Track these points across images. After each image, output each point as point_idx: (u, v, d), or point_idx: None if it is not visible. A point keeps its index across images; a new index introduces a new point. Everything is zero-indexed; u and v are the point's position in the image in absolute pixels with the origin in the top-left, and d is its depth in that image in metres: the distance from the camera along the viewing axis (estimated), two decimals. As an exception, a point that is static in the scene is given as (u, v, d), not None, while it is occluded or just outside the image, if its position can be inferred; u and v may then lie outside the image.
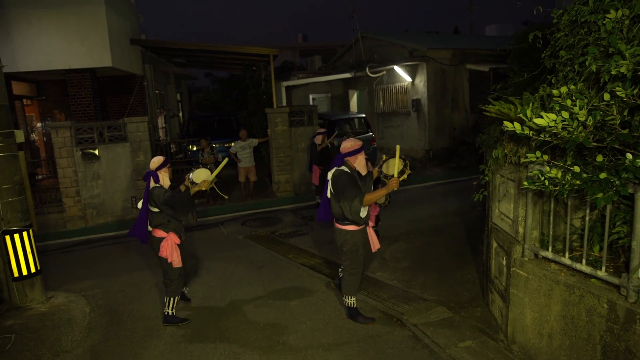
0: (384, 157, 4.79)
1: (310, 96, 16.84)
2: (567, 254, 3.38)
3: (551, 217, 3.51)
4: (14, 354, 4.21)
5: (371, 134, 12.72)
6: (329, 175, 4.34)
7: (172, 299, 4.67)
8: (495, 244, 4.42)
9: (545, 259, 3.63)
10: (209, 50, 12.08)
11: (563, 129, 2.53)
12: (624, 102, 2.48)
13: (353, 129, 13.19)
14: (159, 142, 13.09)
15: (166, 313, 4.69)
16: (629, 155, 2.42)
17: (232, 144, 10.99)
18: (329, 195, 4.38)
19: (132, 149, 9.61)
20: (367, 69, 13.65)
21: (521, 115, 2.83)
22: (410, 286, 5.43)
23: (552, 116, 2.50)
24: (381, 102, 14.66)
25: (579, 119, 2.53)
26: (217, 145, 13.14)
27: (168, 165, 4.63)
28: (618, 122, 2.46)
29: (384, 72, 13.96)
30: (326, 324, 4.57)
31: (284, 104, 14.38)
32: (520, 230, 3.84)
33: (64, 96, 12.20)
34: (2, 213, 4.92)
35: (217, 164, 10.20)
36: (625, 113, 2.60)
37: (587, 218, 3.19)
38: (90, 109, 11.06)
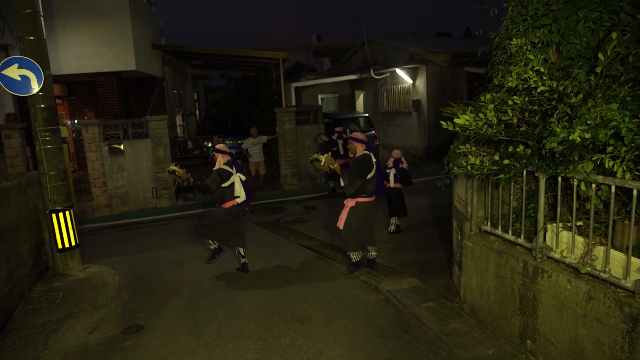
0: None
1: (319, 96, 17.75)
2: (499, 227, 4.24)
3: (488, 198, 4.37)
4: (63, 306, 5.23)
5: (374, 132, 13.58)
6: (373, 158, 5.65)
7: (242, 249, 6.16)
8: (455, 224, 5.28)
9: (486, 232, 4.49)
10: (223, 54, 13.07)
11: (476, 126, 3.40)
12: (522, 106, 3.35)
13: (357, 127, 14.07)
14: (177, 139, 14.16)
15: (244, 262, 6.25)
16: (521, 147, 3.28)
17: (244, 140, 11.96)
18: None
19: (153, 145, 10.64)
20: (372, 71, 14.51)
21: (453, 116, 3.71)
22: (391, 263, 6.32)
23: (465, 117, 3.38)
24: (385, 103, 15.50)
25: (489, 119, 3.40)
26: (230, 142, 14.16)
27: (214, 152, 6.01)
28: (515, 121, 3.32)
29: (388, 74, 14.80)
30: (314, 289, 5.49)
31: (294, 103, 15.32)
32: (469, 209, 4.70)
33: (91, 96, 13.35)
34: (50, 195, 5.96)
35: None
36: (527, 115, 3.46)
37: (511, 198, 4.05)
38: (116, 108, 12.17)
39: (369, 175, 5.55)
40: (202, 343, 4.34)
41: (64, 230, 6.07)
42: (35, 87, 5.40)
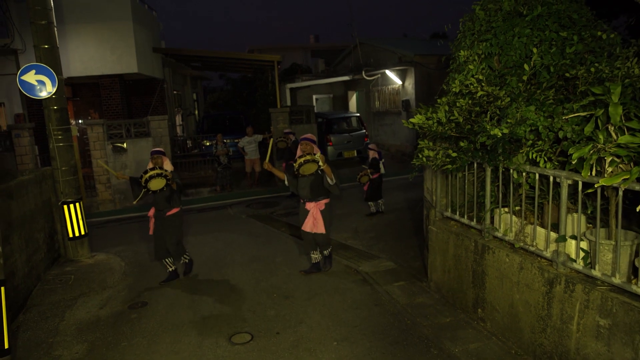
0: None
1: (314, 97, 18.37)
2: (457, 213, 4.87)
3: (449, 188, 5.00)
4: (75, 286, 5.87)
5: (364, 131, 14.21)
6: None
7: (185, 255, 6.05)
8: (425, 212, 5.91)
9: (447, 217, 5.12)
10: (221, 57, 13.70)
11: (428, 125, 4.03)
12: (467, 107, 3.97)
13: (349, 126, 14.70)
14: (177, 138, 14.78)
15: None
16: (465, 142, 3.91)
17: (240, 139, 12.58)
18: None
19: (154, 143, 11.28)
20: (363, 72, 15.14)
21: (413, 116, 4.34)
22: (371, 249, 6.95)
23: (419, 116, 4.00)
24: (377, 103, 16.13)
25: (440, 118, 4.03)
26: (228, 141, 14.79)
27: (155, 155, 5.66)
28: (461, 120, 3.94)
29: (379, 75, 15.43)
30: (300, 270, 6.12)
31: (289, 103, 15.95)
32: (434, 198, 5.33)
33: (95, 97, 13.99)
34: (62, 188, 6.59)
35: (228, 155, 11.87)
36: (473, 115, 4.08)
37: (465, 187, 4.68)
38: (119, 109, 12.81)
39: None
40: (199, 315, 4.97)
41: (74, 220, 6.70)
42: (51, 91, 6.03)
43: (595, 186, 2.97)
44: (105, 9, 11.60)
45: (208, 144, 14.36)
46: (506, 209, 4.23)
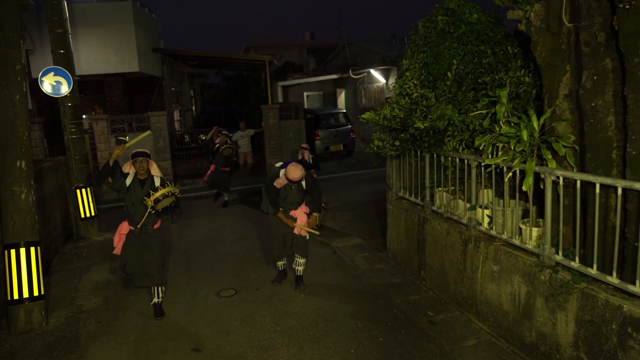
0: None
1: (305, 94, 19.35)
2: (407, 193, 5.88)
3: (402, 172, 6.01)
4: (89, 257, 6.88)
5: (350, 126, 15.21)
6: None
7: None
8: (386, 195, 6.92)
9: (401, 197, 6.13)
10: (216, 57, 14.66)
11: (376, 120, 5.03)
12: (406, 106, 4.97)
13: (336, 122, 15.68)
14: (175, 132, 15.76)
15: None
16: (404, 133, 4.91)
17: (234, 133, 13.55)
18: None
19: (154, 137, 12.24)
20: (350, 71, 16.11)
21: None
22: (344, 229, 7.96)
23: (369, 113, 5.00)
24: (363, 100, 17.12)
25: (386, 114, 5.02)
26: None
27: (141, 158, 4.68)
28: (402, 115, 4.93)
29: (365, 74, 16.40)
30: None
31: (281, 100, 16.92)
32: (391, 181, 6.34)
33: (99, 94, 14.94)
34: (75, 175, 7.57)
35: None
36: (413, 112, 5.08)
37: (413, 172, 5.68)
38: (121, 105, 13.79)
39: None
40: (193, 278, 5.98)
41: (86, 202, 7.69)
42: (66, 90, 7.01)
43: (483, 164, 3.98)
44: (110, 14, 12.56)
45: (204, 137, 15.32)
46: (440, 188, 5.24)
